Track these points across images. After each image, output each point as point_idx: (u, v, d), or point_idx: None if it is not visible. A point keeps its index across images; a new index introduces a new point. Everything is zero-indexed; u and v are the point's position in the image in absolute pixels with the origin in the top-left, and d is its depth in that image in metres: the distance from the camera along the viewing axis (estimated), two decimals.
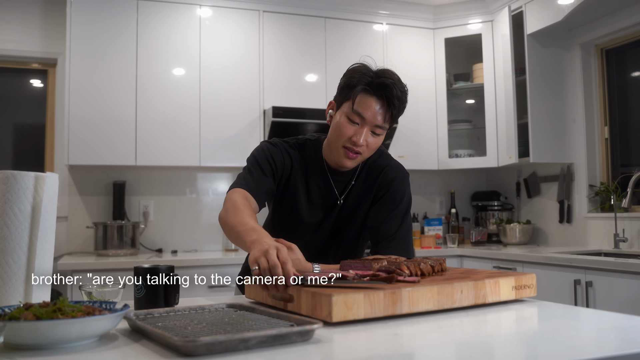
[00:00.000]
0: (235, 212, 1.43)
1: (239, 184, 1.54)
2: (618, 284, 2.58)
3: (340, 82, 1.56)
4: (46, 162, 3.67)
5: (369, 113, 1.49)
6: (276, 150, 1.62)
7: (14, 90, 3.80)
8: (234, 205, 1.45)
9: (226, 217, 1.44)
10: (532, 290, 1.31)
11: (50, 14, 3.60)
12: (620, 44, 3.51)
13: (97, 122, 3.30)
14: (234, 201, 1.46)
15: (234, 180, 1.58)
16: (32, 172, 1.20)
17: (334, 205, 1.65)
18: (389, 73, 1.51)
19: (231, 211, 1.44)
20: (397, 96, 1.48)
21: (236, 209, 1.44)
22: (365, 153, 1.55)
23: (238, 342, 0.86)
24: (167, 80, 3.45)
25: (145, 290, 1.23)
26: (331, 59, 3.77)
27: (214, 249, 3.73)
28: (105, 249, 3.28)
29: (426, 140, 3.98)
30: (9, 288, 1.13)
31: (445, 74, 4.03)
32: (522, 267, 3.13)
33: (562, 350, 0.90)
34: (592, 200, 3.60)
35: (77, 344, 0.91)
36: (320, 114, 3.54)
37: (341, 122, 1.52)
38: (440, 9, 4.02)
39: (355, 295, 1.05)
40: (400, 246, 1.60)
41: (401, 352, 0.91)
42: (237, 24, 3.62)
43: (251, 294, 1.31)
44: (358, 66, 1.54)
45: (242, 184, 1.54)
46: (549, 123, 3.60)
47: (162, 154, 3.41)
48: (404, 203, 1.65)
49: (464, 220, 4.30)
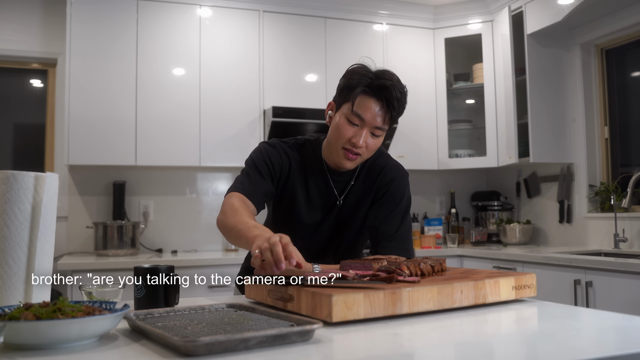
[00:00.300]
0: (234, 214, 1.43)
1: (235, 188, 1.55)
2: (618, 284, 2.58)
3: (340, 83, 1.56)
4: (46, 162, 3.67)
5: (369, 115, 1.49)
6: (274, 151, 1.62)
7: (14, 90, 3.80)
8: (232, 208, 1.46)
9: (225, 220, 1.45)
10: (532, 290, 1.31)
11: (50, 14, 3.60)
12: (620, 44, 3.51)
13: (97, 122, 3.30)
14: (232, 204, 1.47)
15: (232, 184, 1.58)
16: (32, 172, 1.19)
17: (333, 206, 1.65)
18: (388, 74, 1.51)
19: (230, 213, 1.45)
20: (397, 97, 1.48)
21: (235, 210, 1.45)
22: (365, 154, 1.56)
23: (238, 342, 0.86)
24: (167, 80, 3.45)
25: (145, 290, 1.23)
26: (331, 59, 3.77)
27: (214, 249, 3.73)
28: (105, 249, 3.28)
29: (426, 140, 3.98)
30: (9, 288, 1.13)
31: (445, 74, 4.03)
32: (522, 267, 3.13)
33: (562, 350, 0.90)
34: (592, 200, 3.60)
35: (77, 344, 0.91)
36: (321, 114, 3.54)
37: (341, 124, 1.52)
38: (440, 9, 4.02)
39: (355, 295, 1.05)
40: (400, 246, 1.60)
41: (401, 352, 0.91)
42: (237, 24, 3.62)
43: (251, 294, 1.31)
44: (357, 67, 1.54)
45: (238, 187, 1.54)
46: (549, 123, 3.60)
47: (162, 154, 3.41)
48: (404, 203, 1.65)
49: (464, 220, 4.30)
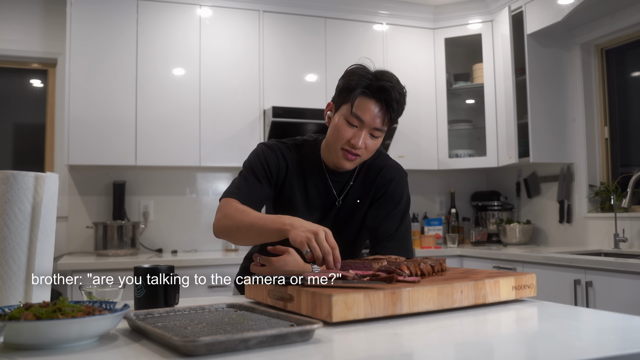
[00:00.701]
0: (245, 213, 1.46)
1: (232, 193, 1.54)
2: (618, 284, 2.58)
3: (339, 83, 1.56)
4: (46, 162, 3.67)
5: (368, 116, 1.49)
6: (271, 153, 1.62)
7: (14, 90, 3.80)
8: (236, 209, 1.47)
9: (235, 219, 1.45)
10: (532, 290, 1.31)
11: (50, 14, 3.60)
12: (620, 44, 3.51)
13: (97, 122, 3.30)
14: (235, 207, 1.48)
15: (228, 188, 1.58)
16: (32, 172, 1.20)
17: (332, 206, 1.65)
18: (387, 75, 1.51)
19: (239, 214, 1.46)
20: (396, 99, 1.48)
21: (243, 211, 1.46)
22: (364, 155, 1.56)
23: (238, 342, 0.86)
24: (167, 80, 3.45)
25: (145, 290, 1.23)
26: (331, 59, 3.77)
27: (213, 249, 3.73)
28: (105, 249, 3.28)
29: (426, 140, 3.98)
30: (9, 288, 1.13)
31: (445, 74, 4.03)
32: (522, 267, 3.13)
33: (562, 350, 0.90)
34: (592, 200, 3.60)
35: (77, 344, 0.91)
36: (320, 114, 3.54)
37: (340, 125, 1.52)
38: (440, 9, 4.02)
39: (355, 295, 1.05)
40: (400, 246, 1.60)
41: (401, 352, 0.91)
42: (237, 24, 3.62)
43: (251, 294, 1.31)
44: (356, 68, 1.54)
45: (235, 193, 1.54)
46: (549, 123, 3.60)
47: (162, 154, 3.41)
48: (403, 203, 1.65)
49: (464, 220, 4.30)
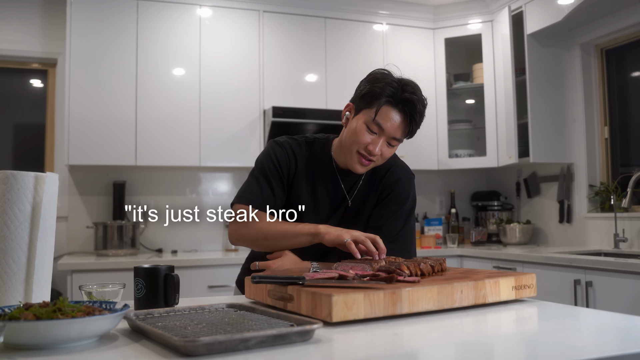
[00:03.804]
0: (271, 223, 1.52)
1: (247, 199, 1.56)
2: (618, 284, 2.57)
3: (361, 86, 1.55)
4: (46, 162, 3.67)
5: (389, 125, 1.49)
6: (281, 150, 1.62)
7: (14, 90, 3.80)
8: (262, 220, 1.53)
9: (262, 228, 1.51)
10: (532, 290, 1.31)
11: (50, 14, 3.60)
12: (620, 44, 3.51)
13: (97, 122, 3.30)
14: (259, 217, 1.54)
15: (241, 190, 1.59)
16: (32, 172, 1.19)
17: (340, 204, 1.65)
18: (412, 87, 1.51)
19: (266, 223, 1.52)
20: (419, 112, 1.50)
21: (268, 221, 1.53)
22: (379, 161, 1.56)
23: (238, 342, 0.86)
24: (167, 80, 3.45)
25: (145, 290, 1.23)
26: (331, 59, 3.77)
27: (214, 249, 3.73)
28: (105, 249, 3.28)
29: (426, 140, 3.98)
30: (9, 288, 1.13)
31: (445, 74, 4.03)
32: (522, 267, 3.13)
33: (562, 350, 0.90)
34: (592, 200, 3.60)
35: (77, 344, 0.91)
36: (321, 114, 3.54)
37: (359, 129, 1.51)
38: (440, 9, 4.02)
39: (355, 295, 1.05)
40: (402, 247, 1.60)
41: (401, 352, 0.91)
42: (237, 24, 3.62)
43: (251, 294, 1.31)
44: (382, 74, 1.53)
45: (249, 199, 1.56)
46: (549, 123, 3.60)
47: (162, 154, 3.41)
48: (408, 204, 1.65)
49: (464, 220, 4.30)
